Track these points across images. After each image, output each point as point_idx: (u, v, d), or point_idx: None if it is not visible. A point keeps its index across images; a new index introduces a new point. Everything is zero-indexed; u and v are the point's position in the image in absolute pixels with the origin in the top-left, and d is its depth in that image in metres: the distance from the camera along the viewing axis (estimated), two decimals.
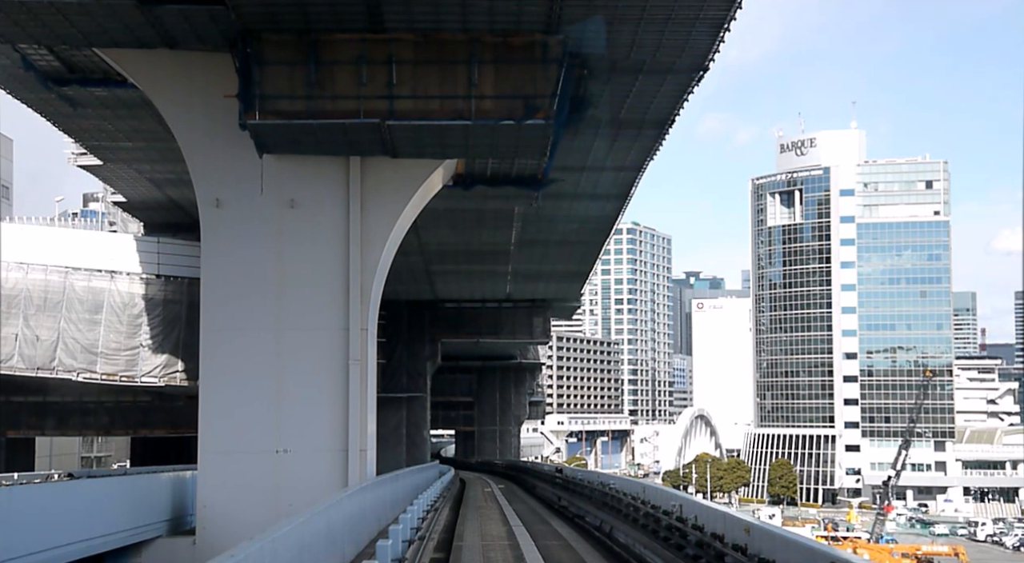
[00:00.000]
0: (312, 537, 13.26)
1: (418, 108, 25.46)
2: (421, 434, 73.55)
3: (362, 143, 27.43)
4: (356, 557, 15.79)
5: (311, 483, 27.82)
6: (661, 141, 35.69)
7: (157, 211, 51.89)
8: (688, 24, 25.14)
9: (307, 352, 28.84)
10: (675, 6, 24.18)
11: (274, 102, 25.29)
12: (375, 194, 29.32)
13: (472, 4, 23.85)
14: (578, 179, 40.37)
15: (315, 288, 29.00)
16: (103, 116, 35.93)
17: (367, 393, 29.13)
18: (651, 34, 25.69)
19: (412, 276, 60.52)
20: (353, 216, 29.07)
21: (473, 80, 25.11)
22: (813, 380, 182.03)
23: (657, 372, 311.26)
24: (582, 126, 31.59)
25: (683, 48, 26.62)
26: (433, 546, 21.03)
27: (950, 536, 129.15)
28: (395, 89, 25.12)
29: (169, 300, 46.49)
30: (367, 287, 29.25)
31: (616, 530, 23.51)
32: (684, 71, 28.37)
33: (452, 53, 25.15)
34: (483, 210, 43.96)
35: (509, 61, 25.32)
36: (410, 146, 27.82)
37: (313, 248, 29.06)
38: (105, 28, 25.81)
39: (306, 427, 28.75)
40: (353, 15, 24.41)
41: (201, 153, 29.00)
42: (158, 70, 28.10)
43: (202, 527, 28.30)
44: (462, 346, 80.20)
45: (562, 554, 21.52)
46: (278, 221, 28.86)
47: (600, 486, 29.37)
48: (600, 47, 26.39)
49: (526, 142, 27.48)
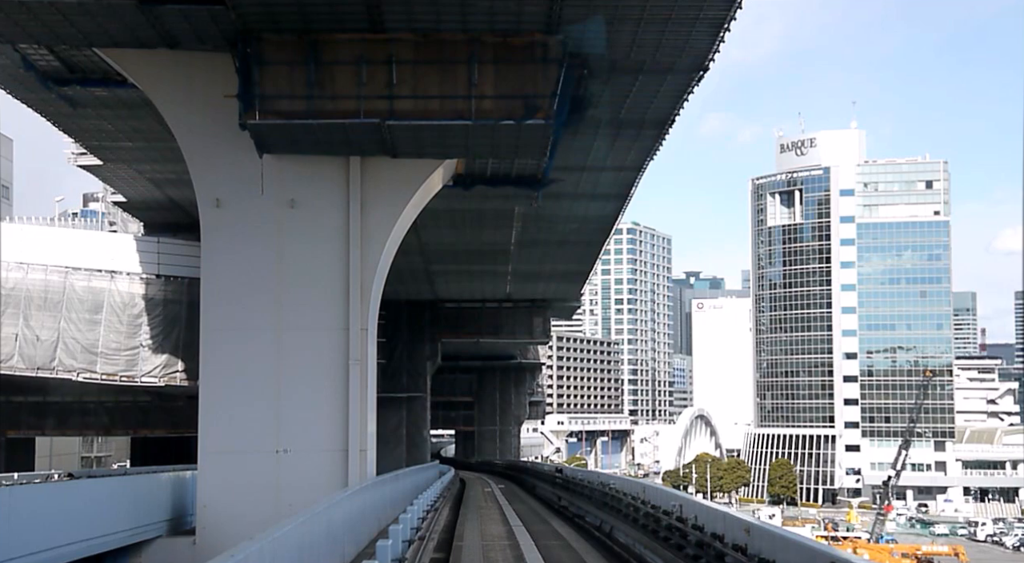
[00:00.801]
0: (312, 537, 13.26)
1: (418, 108, 25.47)
2: (421, 434, 73.58)
3: (362, 143, 27.44)
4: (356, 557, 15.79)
5: (311, 483, 27.81)
6: (661, 141, 35.70)
7: (157, 211, 51.87)
8: (688, 24, 25.14)
9: (307, 352, 28.84)
10: (675, 6, 24.18)
11: (274, 102, 25.30)
12: (375, 194, 29.32)
13: (472, 4, 23.85)
14: (578, 179, 40.38)
15: (315, 288, 29.00)
16: (103, 116, 35.93)
17: (367, 393, 29.14)
18: (651, 34, 25.69)
19: (412, 276, 60.54)
20: (353, 216, 29.07)
21: (473, 80, 25.11)
22: (813, 380, 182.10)
23: (657, 372, 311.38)
24: (582, 126, 31.61)
25: (683, 48, 26.62)
26: (433, 546, 21.02)
27: (950, 536, 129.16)
28: (395, 89, 25.13)
29: (169, 300, 46.48)
30: (367, 287, 29.25)
31: (616, 530, 23.49)
32: (684, 71, 28.38)
33: (452, 53, 25.16)
34: (483, 210, 43.97)
35: (509, 61, 25.33)
36: (410, 146, 27.83)
37: (313, 248, 29.06)
38: (105, 28, 25.82)
39: (306, 427, 28.76)
40: (353, 15, 24.41)
41: (201, 153, 29.00)
42: (158, 70, 28.09)
43: (202, 527, 28.30)
44: (462, 346, 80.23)
45: (562, 554, 21.52)
46: (278, 221, 28.86)
47: (600, 486, 29.40)
48: (600, 47, 26.39)
49: (526, 142, 27.48)
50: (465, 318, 73.69)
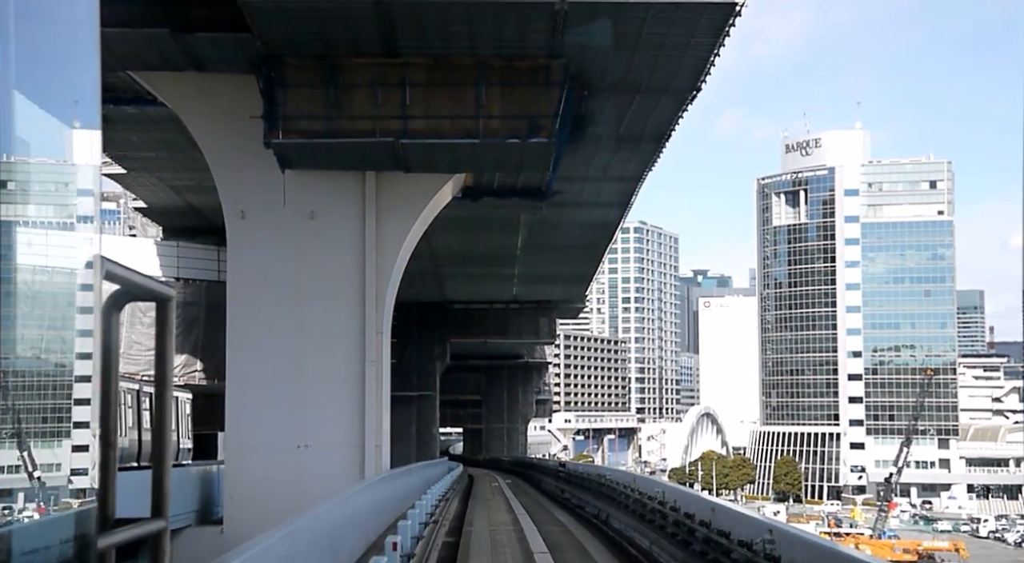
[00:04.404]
0: (341, 519, 15.27)
1: (430, 127, 27.49)
2: (431, 432, 75.40)
3: (377, 159, 29.43)
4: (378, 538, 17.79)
5: (329, 476, 29.70)
6: (659, 153, 37.62)
7: (176, 216, 53.71)
8: (680, 50, 27.09)
9: (325, 354, 30.71)
10: (667, 34, 26.13)
11: (296, 122, 27.34)
12: (389, 206, 31.27)
13: (480, 31, 25.87)
14: (580, 188, 42.26)
15: (333, 294, 30.90)
16: (131, 130, 37.85)
17: (382, 392, 31.10)
18: (646, 59, 27.65)
19: (422, 279, 62.35)
20: (369, 226, 31.00)
21: (481, 101, 27.14)
22: (818, 378, 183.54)
23: (664, 370, 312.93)
24: (583, 142, 33.54)
25: (676, 71, 28.57)
26: (445, 531, 23.09)
27: (953, 533, 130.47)
28: (408, 110, 27.16)
29: (188, 302, 48.31)
30: (382, 293, 31.20)
31: (612, 517, 25.68)
32: (678, 91, 30.34)
33: (461, 76, 27.18)
34: (490, 218, 45.81)
35: (514, 84, 27.35)
36: (422, 162, 29.80)
37: (331, 257, 30.98)
38: (140, 54, 27.84)
39: (325, 424, 30.63)
40: (369, 41, 26.42)
41: (227, 168, 30.96)
42: (187, 91, 30.07)
43: (229, 517, 30.27)
44: (470, 346, 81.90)
45: (562, 537, 23.69)
46: (299, 231, 30.78)
47: (598, 477, 31.83)
48: (599, 70, 28.38)
49: (530, 158, 29.50)
50: (473, 319, 75.46)
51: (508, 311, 75.51)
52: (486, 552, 20.03)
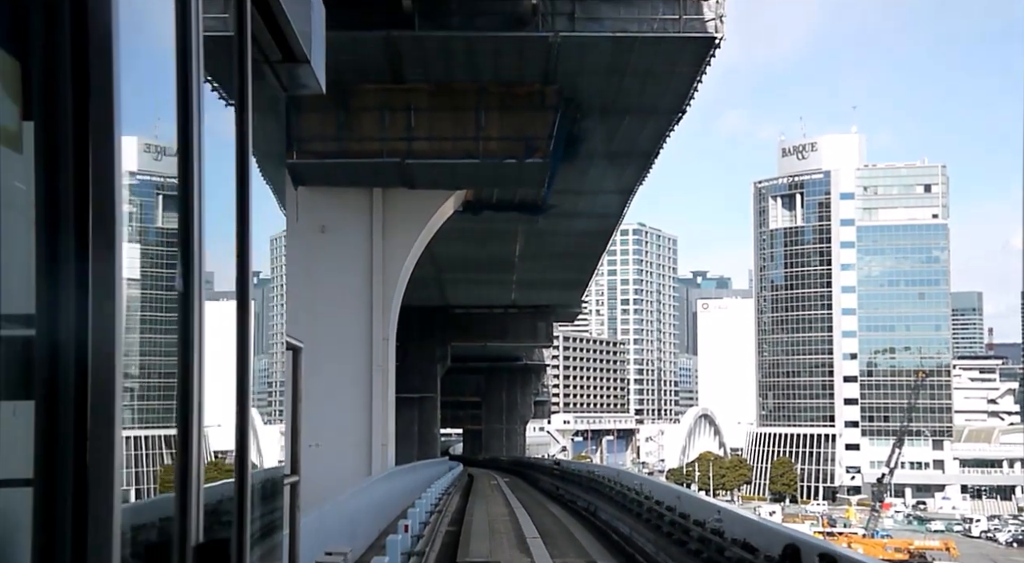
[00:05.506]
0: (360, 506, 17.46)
1: (433, 148, 29.84)
2: (432, 432, 77.26)
3: (384, 177, 31.68)
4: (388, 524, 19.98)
5: (339, 472, 31.74)
6: (649, 168, 39.85)
7: None
8: (666, 77, 29.36)
9: (335, 359, 32.79)
10: (654, 63, 28.38)
11: (309, 143, 29.57)
12: (395, 220, 33.47)
13: (480, 60, 28.14)
14: (575, 201, 44.34)
15: (342, 303, 33.05)
16: None
17: (387, 394, 33.26)
18: (634, 84, 29.93)
19: (424, 284, 64.19)
20: (376, 239, 33.19)
21: (481, 124, 29.47)
22: (814, 380, 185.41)
23: (663, 372, 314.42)
24: (577, 158, 35.75)
25: (662, 95, 30.85)
26: (448, 520, 25.33)
27: (946, 532, 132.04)
28: (413, 132, 29.50)
29: None
30: (388, 301, 33.37)
31: (600, 510, 28.03)
32: (665, 112, 32.59)
33: (463, 101, 29.50)
34: (490, 229, 47.69)
35: (512, 108, 29.67)
36: (426, 179, 32.04)
37: (341, 267, 33.16)
38: None
39: (335, 424, 32.71)
40: (377, 69, 28.70)
41: None
42: None
43: None
44: (470, 349, 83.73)
45: (553, 526, 26.01)
46: (310, 244, 32.95)
47: (588, 473, 34.49)
48: (591, 94, 30.62)
49: (527, 176, 31.79)
50: (473, 323, 77.25)
51: (507, 315, 77.37)
52: (485, 537, 22.23)
